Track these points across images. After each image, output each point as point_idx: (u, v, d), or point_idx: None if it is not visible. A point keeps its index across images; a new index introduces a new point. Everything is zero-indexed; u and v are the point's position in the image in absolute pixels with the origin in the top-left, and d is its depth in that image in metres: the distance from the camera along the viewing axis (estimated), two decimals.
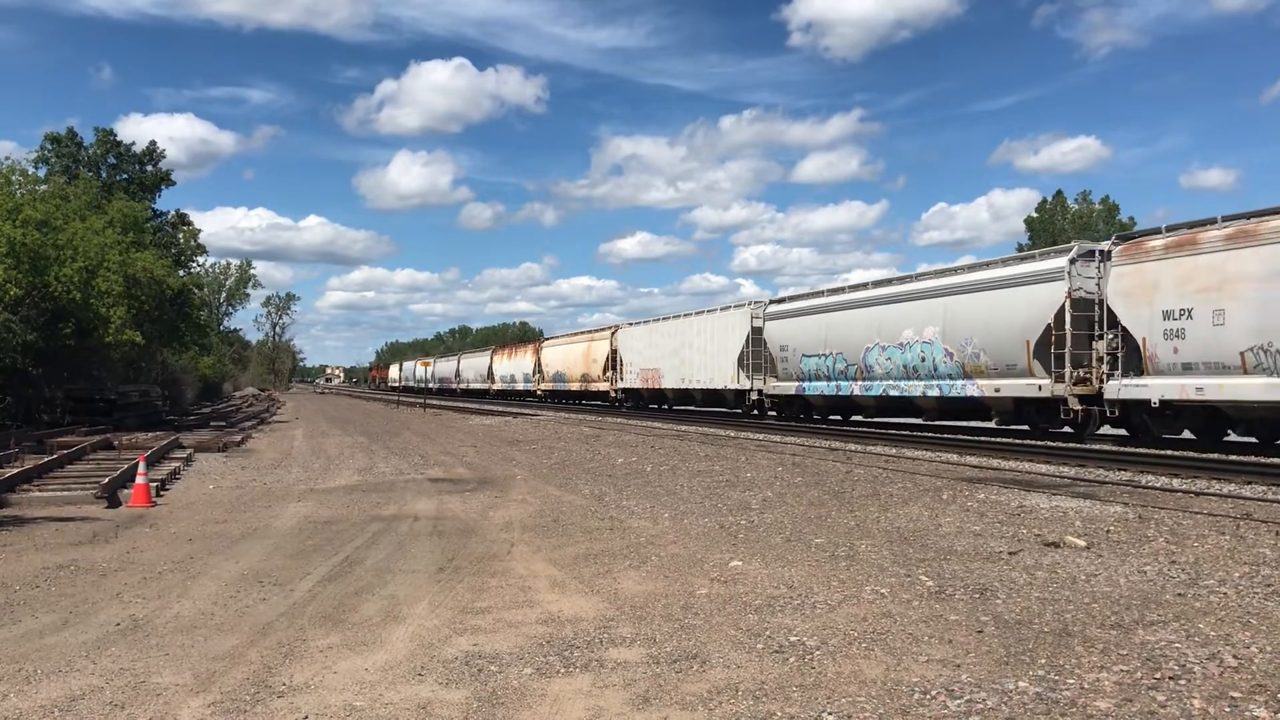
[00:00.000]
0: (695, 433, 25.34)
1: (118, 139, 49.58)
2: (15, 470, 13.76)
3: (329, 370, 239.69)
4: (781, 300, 30.80)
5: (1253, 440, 17.24)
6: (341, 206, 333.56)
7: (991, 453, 17.24)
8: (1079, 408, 18.87)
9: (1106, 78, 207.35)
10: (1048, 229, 70.13)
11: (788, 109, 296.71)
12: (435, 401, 62.59)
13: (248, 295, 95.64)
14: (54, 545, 9.16)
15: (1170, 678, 4.75)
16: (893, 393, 24.30)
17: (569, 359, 50.28)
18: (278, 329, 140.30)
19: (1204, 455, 15.69)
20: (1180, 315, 16.53)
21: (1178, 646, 5.27)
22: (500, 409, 44.83)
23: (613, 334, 44.23)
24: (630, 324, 43.49)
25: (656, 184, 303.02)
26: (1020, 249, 67.60)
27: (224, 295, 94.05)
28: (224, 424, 33.46)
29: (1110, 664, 4.99)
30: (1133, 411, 18.13)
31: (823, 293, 28.54)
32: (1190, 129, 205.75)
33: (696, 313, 36.37)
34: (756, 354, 30.64)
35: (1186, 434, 17.79)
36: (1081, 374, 18.85)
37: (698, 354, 34.51)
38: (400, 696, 4.67)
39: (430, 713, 4.45)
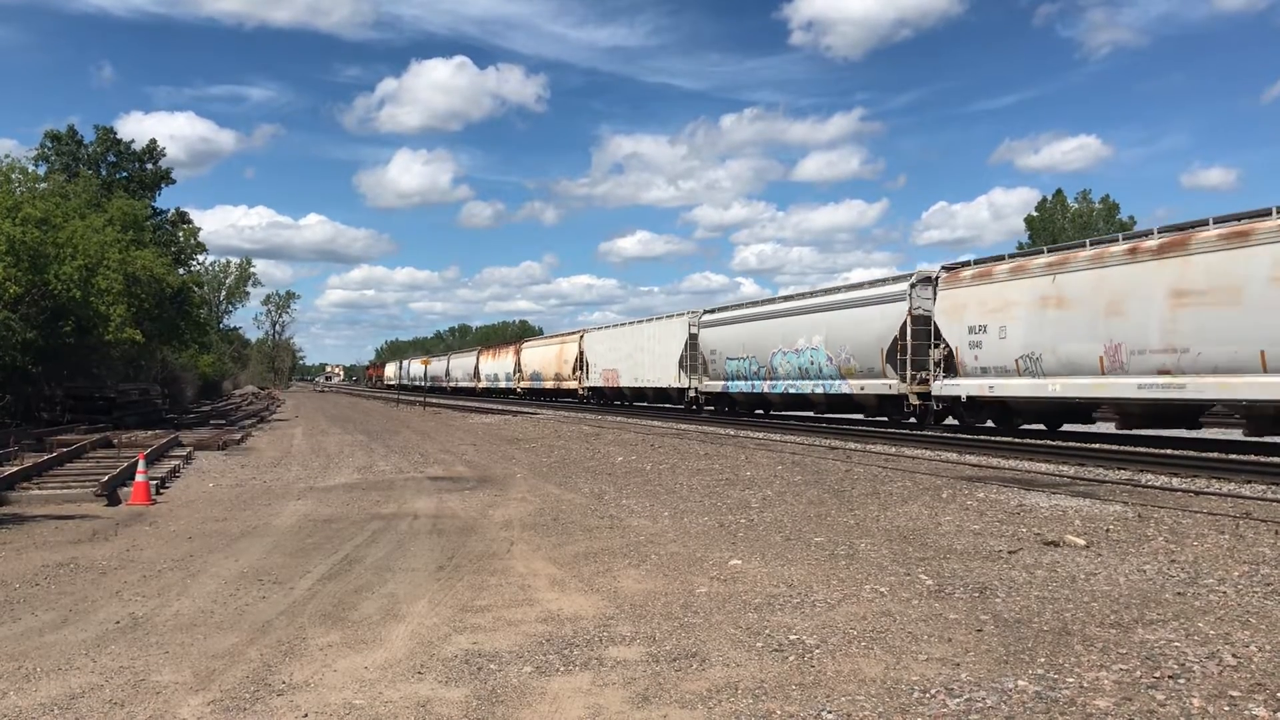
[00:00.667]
0: (695, 431, 25.35)
1: (118, 137, 49.59)
2: (15, 468, 13.76)
3: (329, 368, 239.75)
4: (713, 311, 35.44)
5: (1040, 427, 21.81)
6: (341, 205, 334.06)
7: (991, 451, 17.24)
8: (917, 402, 23.24)
9: (1107, 77, 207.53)
10: (1048, 228, 70.08)
11: (788, 108, 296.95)
12: (435, 400, 62.68)
13: (247, 294, 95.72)
14: (54, 543, 9.16)
15: (1170, 677, 4.75)
16: (792, 390, 28.74)
17: (544, 360, 54.54)
18: (277, 327, 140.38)
19: (1204, 455, 15.70)
20: (979, 330, 20.97)
21: (1177, 645, 5.27)
22: (499, 407, 45.10)
23: (580, 338, 48.70)
24: (594, 329, 48.43)
25: (657, 183, 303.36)
26: (1020, 247, 67.56)
27: (224, 293, 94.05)
28: (224, 422, 33.46)
29: (1110, 663, 4.99)
30: (952, 405, 22.36)
31: (743, 305, 33.69)
32: (1191, 128, 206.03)
33: (647, 320, 41.47)
34: (693, 357, 35.20)
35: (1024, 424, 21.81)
36: (921, 376, 22.98)
37: (647, 356, 39.18)
38: (400, 695, 4.67)
39: (430, 711, 4.45)
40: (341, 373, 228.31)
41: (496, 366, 66.24)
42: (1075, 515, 9.86)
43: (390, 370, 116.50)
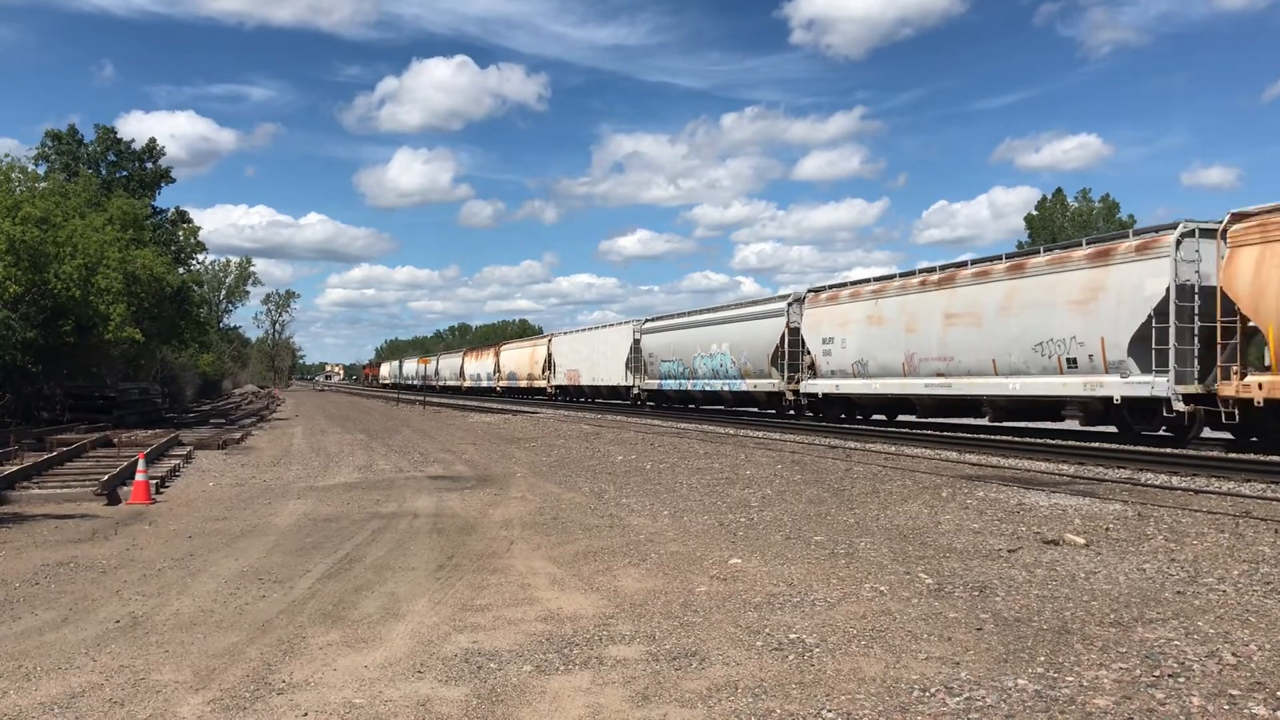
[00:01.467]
0: (694, 430, 25.37)
1: (118, 136, 49.51)
2: (15, 467, 13.76)
3: (329, 368, 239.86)
4: (652, 320, 41.22)
5: (882, 417, 27.04)
6: (342, 204, 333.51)
7: (990, 450, 17.25)
8: (791, 398, 29.33)
9: (1108, 76, 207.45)
10: (1048, 227, 70.05)
11: (789, 107, 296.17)
12: (434, 399, 62.84)
13: (247, 293, 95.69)
14: (54, 542, 9.16)
15: (1169, 675, 4.75)
16: (708, 388, 34.72)
17: (520, 361, 60.53)
18: (277, 326, 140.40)
19: (1203, 454, 15.71)
20: (829, 341, 26.97)
21: (1177, 644, 5.28)
22: (499, 406, 45.42)
23: (549, 341, 55.00)
24: (560, 334, 55.02)
25: (657, 181, 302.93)
26: (1020, 246, 67.63)
27: (224, 293, 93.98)
28: (223, 421, 33.47)
29: (1109, 662, 4.99)
30: (814, 400, 28.23)
31: (674, 315, 39.46)
32: (1191, 127, 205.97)
33: (600, 327, 48.40)
34: (636, 359, 40.93)
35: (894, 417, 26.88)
36: (796, 377, 29.01)
37: (601, 359, 44.95)
38: (400, 694, 4.67)
39: (430, 710, 4.45)
40: (341, 372, 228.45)
41: (479, 367, 71.64)
42: (1075, 514, 9.86)
43: (385, 370, 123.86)
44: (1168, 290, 17.02)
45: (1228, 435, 16.87)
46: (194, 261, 54.54)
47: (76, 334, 27.72)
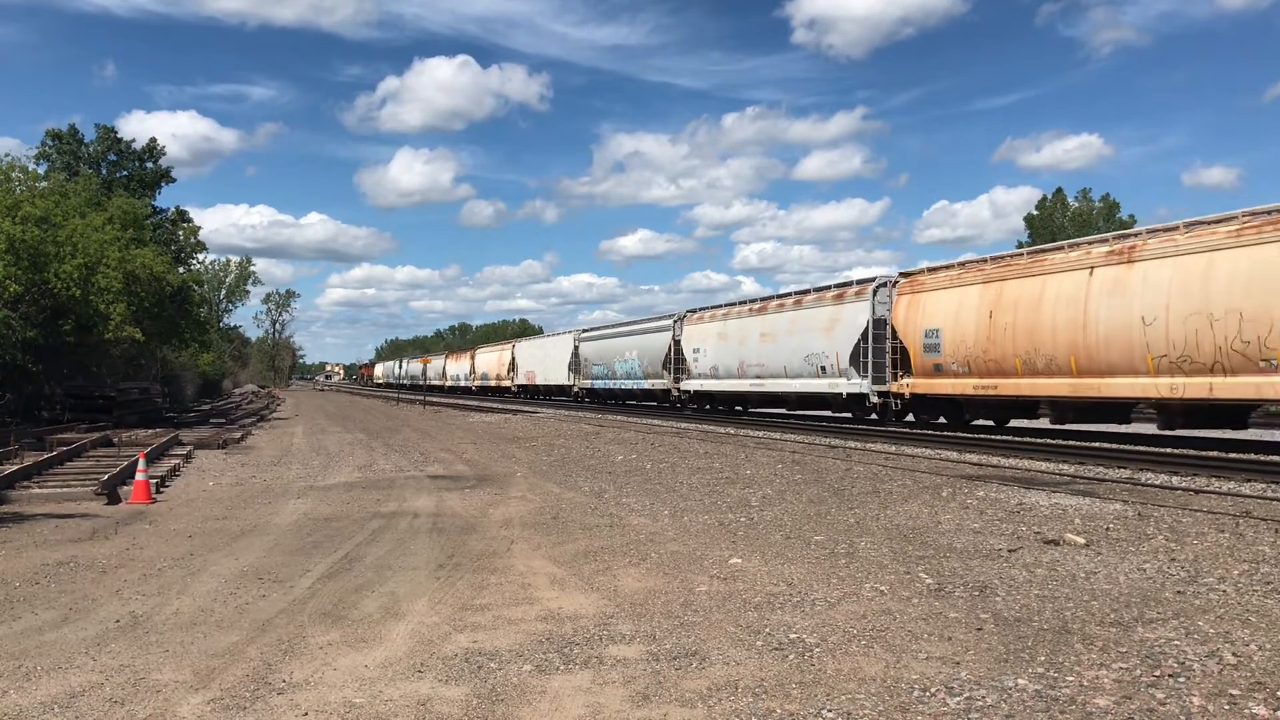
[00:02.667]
0: (694, 430, 25.37)
1: (118, 135, 49.54)
2: (15, 467, 13.76)
3: (329, 367, 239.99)
4: (587, 330, 49.09)
5: (740, 409, 32.99)
6: (342, 204, 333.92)
7: (991, 450, 17.24)
8: (675, 394, 36.54)
9: (1109, 75, 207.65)
10: (1048, 226, 70.01)
11: (790, 106, 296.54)
12: (435, 399, 63.06)
13: (247, 292, 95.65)
14: (54, 542, 9.16)
15: (1170, 675, 4.75)
16: (623, 386, 42.65)
17: (490, 363, 67.96)
18: (277, 326, 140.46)
19: (1203, 454, 15.71)
20: (697, 351, 34.36)
21: (1177, 644, 5.28)
22: (499, 406, 45.66)
23: (513, 347, 63.67)
24: (523, 340, 64.85)
25: (658, 181, 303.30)
26: (1020, 245, 67.53)
27: (224, 292, 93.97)
28: (224, 421, 33.46)
29: (1110, 661, 4.99)
30: (691, 396, 35.36)
31: (601, 327, 47.80)
32: (1192, 127, 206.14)
33: (551, 334, 59.41)
34: (576, 363, 48.67)
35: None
36: (681, 377, 36.07)
37: (551, 362, 52.82)
38: (400, 693, 4.67)
39: (430, 709, 4.45)
40: (341, 371, 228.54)
41: (458, 368, 78.88)
42: (1075, 514, 9.86)
43: (380, 370, 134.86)
44: (868, 322, 24.93)
45: (910, 417, 24.26)
46: (194, 261, 54.65)
47: (76, 333, 27.74)
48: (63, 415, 27.07)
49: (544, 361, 53.90)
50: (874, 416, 25.07)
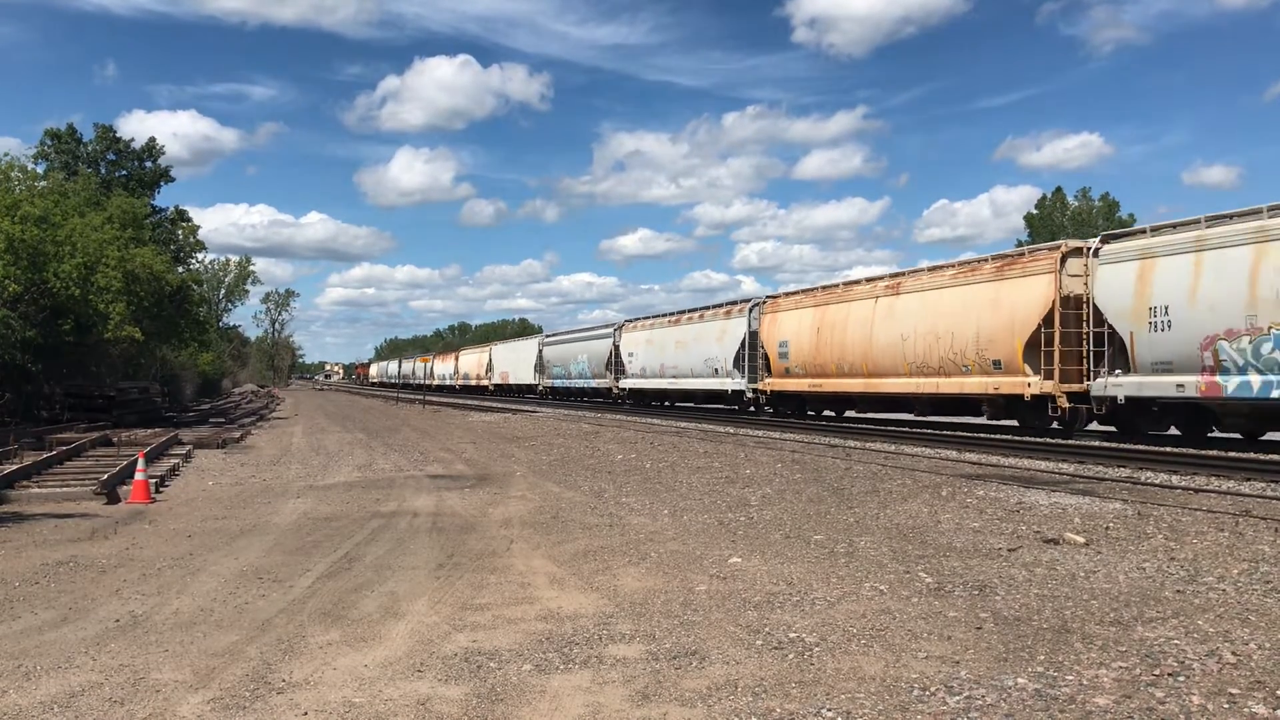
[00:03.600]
0: (694, 429, 25.38)
1: (117, 135, 49.53)
2: (14, 467, 13.75)
3: (328, 367, 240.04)
4: (549, 336, 56.80)
5: (667, 403, 39.98)
6: (343, 203, 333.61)
7: (990, 449, 17.25)
8: (616, 391, 42.76)
9: (1109, 74, 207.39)
10: (1047, 225, 70.06)
11: (791, 106, 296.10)
12: (434, 398, 63.28)
13: (247, 292, 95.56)
14: (53, 542, 9.16)
15: (1169, 674, 4.75)
16: (575, 385, 49.19)
17: (471, 364, 74.70)
18: (277, 325, 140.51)
19: (1203, 452, 15.72)
20: (631, 355, 40.55)
21: (1177, 643, 5.28)
22: (499, 406, 45.82)
23: (490, 350, 70.64)
24: (499, 343, 73.40)
25: (658, 180, 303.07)
26: (1020, 244, 67.54)
27: (223, 292, 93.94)
28: (223, 420, 33.46)
29: (1109, 660, 5.00)
30: (626, 393, 41.71)
31: (561, 333, 55.37)
32: (1193, 126, 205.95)
33: (520, 338, 69.25)
34: (540, 364, 55.32)
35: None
36: (620, 377, 42.26)
37: (520, 362, 59.73)
38: (399, 693, 4.67)
39: (429, 709, 4.45)
40: (341, 371, 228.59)
41: (444, 368, 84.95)
42: (1075, 513, 9.86)
43: (374, 369, 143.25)
44: (745, 334, 31.31)
45: (770, 409, 30.18)
46: (193, 260, 54.61)
47: (76, 333, 27.72)
48: (62, 415, 27.05)
49: (515, 363, 60.89)
50: (752, 409, 31.41)
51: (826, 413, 29.32)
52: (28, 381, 26.91)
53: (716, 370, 32.91)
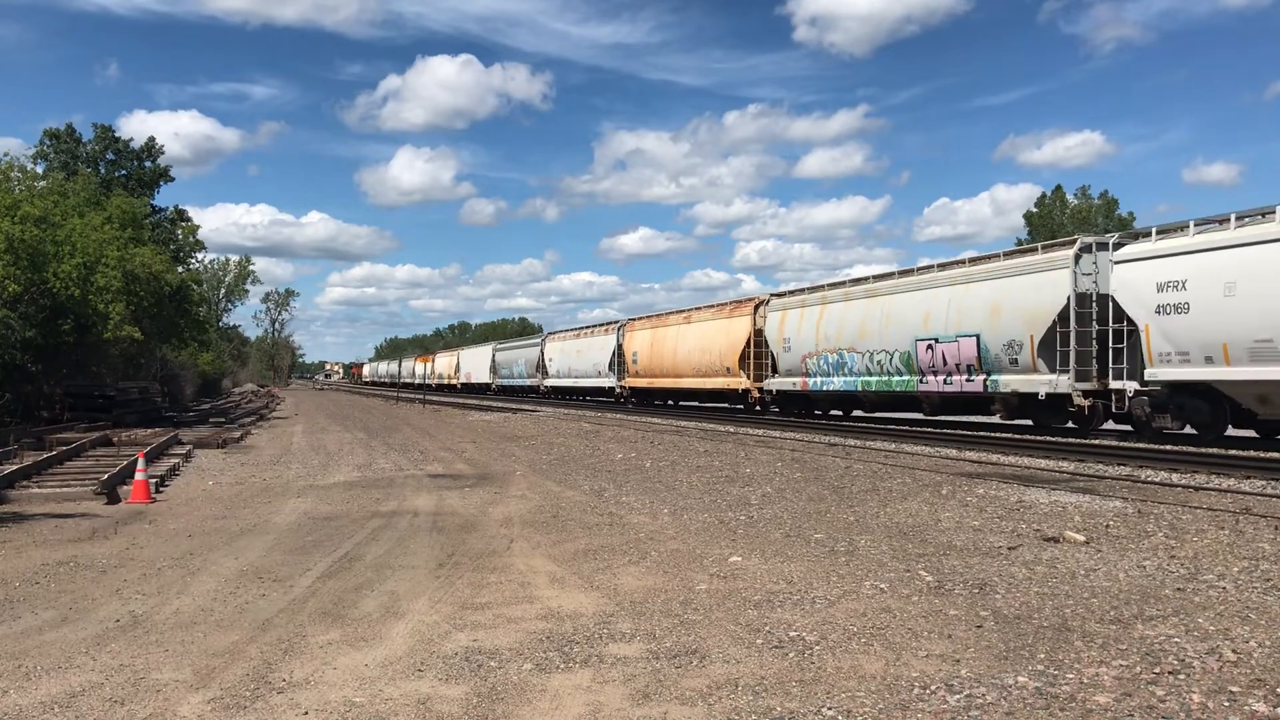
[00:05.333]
0: (694, 428, 25.38)
1: (116, 135, 49.52)
2: (15, 467, 13.75)
3: (328, 366, 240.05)
4: (500, 343, 71.30)
5: (576, 397, 50.91)
6: (343, 202, 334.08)
7: (991, 448, 17.25)
8: (541, 389, 54.42)
9: (1110, 73, 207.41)
10: (1047, 224, 70.08)
11: (792, 104, 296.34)
12: (434, 398, 63.54)
13: (246, 291, 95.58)
14: (53, 542, 9.16)
15: (1169, 672, 4.75)
16: (517, 384, 61.02)
17: (445, 365, 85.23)
18: (277, 325, 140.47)
19: (1203, 450, 15.72)
20: (551, 360, 53.19)
21: (1177, 641, 5.28)
22: (499, 405, 46.00)
23: (459, 353, 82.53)
24: (467, 347, 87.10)
25: (659, 179, 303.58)
26: (1020, 243, 67.57)
27: (223, 291, 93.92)
28: (223, 420, 33.44)
29: (1110, 659, 4.99)
30: (549, 390, 53.31)
31: (510, 339, 68.03)
32: (1194, 124, 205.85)
33: (481, 344, 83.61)
34: (495, 367, 66.85)
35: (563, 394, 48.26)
36: (545, 377, 53.96)
37: (480, 366, 70.57)
38: (400, 692, 4.67)
39: (430, 708, 4.45)
40: (341, 370, 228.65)
41: (424, 369, 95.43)
42: (1075, 511, 9.86)
43: (367, 370, 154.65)
44: (615, 345, 43.49)
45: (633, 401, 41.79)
46: (193, 260, 54.56)
47: (76, 333, 27.70)
48: (62, 415, 27.03)
49: (477, 366, 72.04)
50: (621, 400, 43.08)
51: (660, 401, 41.48)
52: (28, 381, 26.89)
53: (600, 372, 46.07)
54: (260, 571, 7.58)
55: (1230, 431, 17.63)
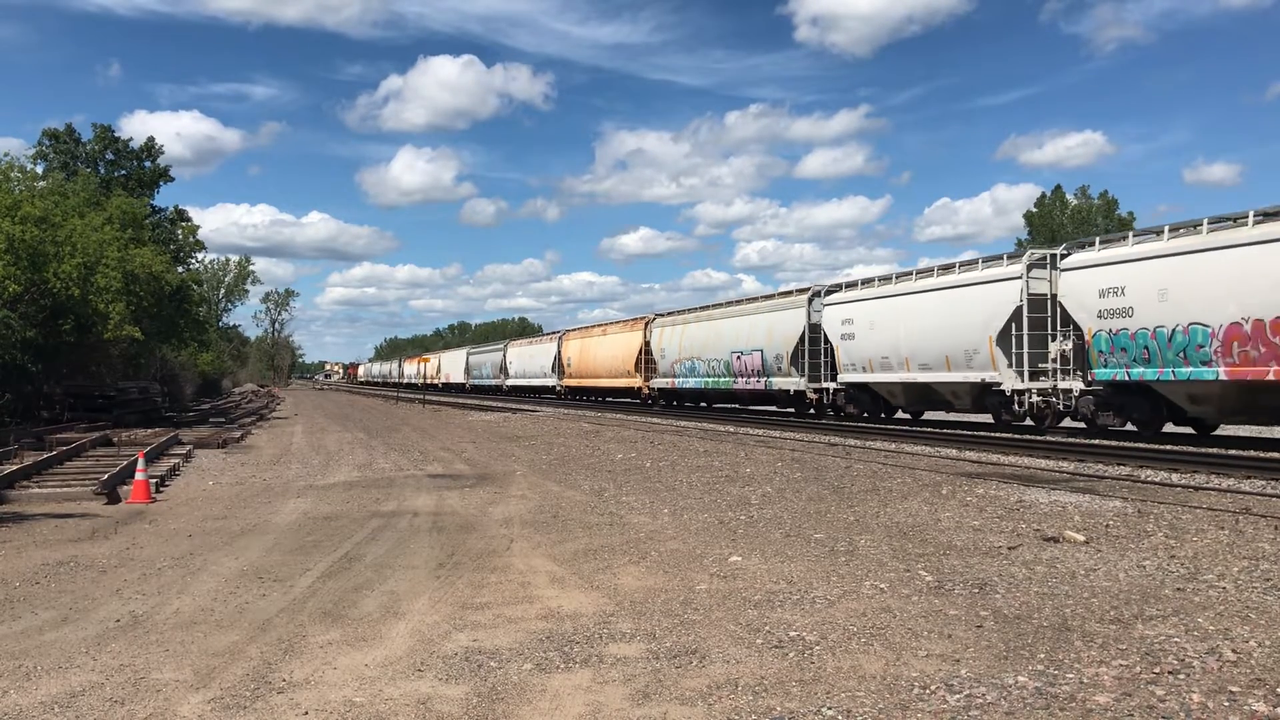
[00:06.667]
0: (695, 428, 25.38)
1: (116, 135, 49.49)
2: (15, 467, 13.76)
3: (328, 366, 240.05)
4: (474, 347, 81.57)
5: (535, 395, 58.04)
6: (344, 203, 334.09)
7: (991, 448, 17.25)
8: (503, 387, 64.11)
9: (1111, 73, 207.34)
10: (1047, 224, 70.11)
11: (793, 104, 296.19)
12: (434, 398, 63.62)
13: (246, 291, 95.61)
14: (53, 542, 9.16)
15: (1169, 672, 4.76)
16: (486, 383, 68.67)
17: (430, 367, 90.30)
18: (277, 325, 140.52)
19: (1203, 450, 15.72)
20: (512, 363, 62.69)
21: (1177, 641, 5.28)
22: (499, 405, 46.03)
23: (440, 356, 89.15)
24: (443, 351, 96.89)
25: (660, 179, 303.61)
26: (1020, 244, 67.77)
27: (223, 291, 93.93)
28: (223, 420, 33.45)
29: (1109, 659, 5.00)
30: (509, 388, 62.77)
31: (481, 344, 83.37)
32: (1194, 124, 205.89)
33: (456, 348, 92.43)
34: (468, 368, 74.29)
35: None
36: (508, 377, 62.77)
37: (456, 367, 78.55)
38: (400, 692, 4.67)
39: (430, 708, 4.45)
40: (341, 370, 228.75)
41: (411, 369, 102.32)
42: (1075, 511, 9.87)
43: (361, 370, 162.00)
44: (556, 351, 51.88)
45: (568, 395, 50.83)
46: (193, 260, 54.56)
47: (76, 333, 27.69)
48: (62, 415, 27.04)
49: (454, 368, 79.77)
50: (559, 396, 51.50)
51: (586, 397, 49.77)
52: (28, 381, 26.89)
53: (545, 373, 54.01)
54: (260, 571, 7.58)
55: (1231, 432, 17.66)
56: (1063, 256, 20.32)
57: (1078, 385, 19.56)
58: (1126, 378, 18.12)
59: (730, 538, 8.78)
